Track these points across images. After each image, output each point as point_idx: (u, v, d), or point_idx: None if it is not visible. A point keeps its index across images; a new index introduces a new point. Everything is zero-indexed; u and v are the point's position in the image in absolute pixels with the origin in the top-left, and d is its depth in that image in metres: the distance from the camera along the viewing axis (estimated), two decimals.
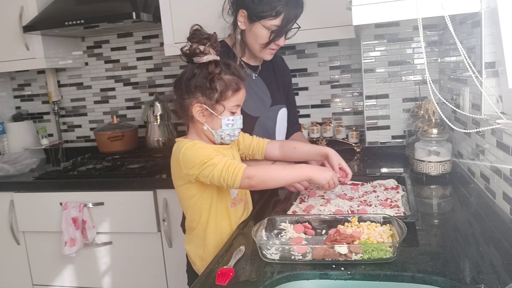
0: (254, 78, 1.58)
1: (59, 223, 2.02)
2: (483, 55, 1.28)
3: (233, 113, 1.25)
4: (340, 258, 0.97)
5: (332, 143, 2.18)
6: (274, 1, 1.39)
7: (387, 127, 2.08)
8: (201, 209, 1.27)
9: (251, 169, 1.16)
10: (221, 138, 1.27)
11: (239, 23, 1.47)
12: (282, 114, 1.65)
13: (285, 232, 1.13)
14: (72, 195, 2.03)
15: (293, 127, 1.75)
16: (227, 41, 1.56)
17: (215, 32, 1.25)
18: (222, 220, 1.29)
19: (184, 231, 1.43)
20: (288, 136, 1.74)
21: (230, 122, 1.24)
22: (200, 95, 1.21)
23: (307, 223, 1.15)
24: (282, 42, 1.47)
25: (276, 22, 1.41)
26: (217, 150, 1.26)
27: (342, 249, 0.97)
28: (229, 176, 1.15)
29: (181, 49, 1.24)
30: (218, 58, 1.22)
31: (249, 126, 1.51)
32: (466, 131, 1.42)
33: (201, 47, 1.20)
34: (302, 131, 1.85)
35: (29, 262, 2.18)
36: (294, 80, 2.29)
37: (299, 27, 1.48)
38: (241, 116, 1.28)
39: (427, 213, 1.31)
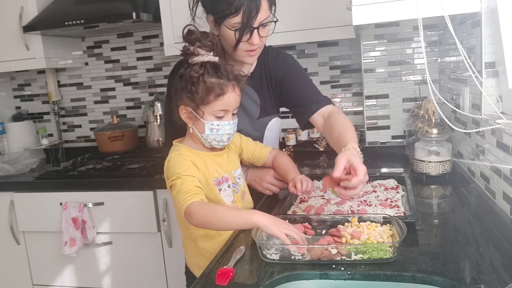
0: None
1: (59, 223, 2.02)
2: (483, 55, 1.28)
3: (219, 118, 1.20)
4: (338, 258, 0.97)
5: None
6: None
7: (387, 127, 2.08)
8: None
9: (195, 206, 1.07)
10: (209, 143, 1.24)
11: (213, 30, 1.34)
12: (272, 125, 1.54)
13: None
14: (72, 195, 2.03)
15: (316, 103, 1.41)
16: None
17: (212, 32, 1.21)
18: (219, 232, 1.25)
19: None
20: (310, 114, 1.42)
21: (214, 127, 1.20)
22: (185, 97, 1.19)
23: (307, 223, 1.15)
24: (256, 40, 1.29)
25: (237, 19, 1.25)
26: (211, 159, 1.24)
27: (332, 250, 0.98)
28: (178, 204, 1.11)
29: (182, 48, 1.22)
30: (209, 59, 1.17)
31: None
32: (466, 131, 1.42)
33: (191, 48, 1.17)
34: (333, 104, 1.45)
35: (29, 262, 2.18)
36: None
37: (277, 21, 1.34)
38: (233, 121, 1.23)
39: (427, 213, 1.30)
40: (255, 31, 1.28)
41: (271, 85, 1.48)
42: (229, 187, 1.28)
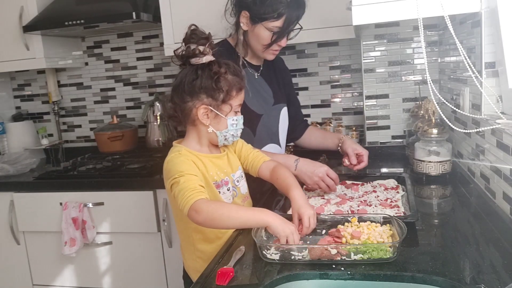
0: (256, 77, 1.58)
1: (59, 223, 2.02)
2: (483, 55, 1.28)
3: (236, 113, 1.24)
4: (338, 258, 0.97)
5: None
6: (276, 3, 1.38)
7: (387, 127, 2.08)
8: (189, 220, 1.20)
9: (203, 203, 1.06)
10: (225, 139, 1.25)
11: (241, 24, 1.47)
12: (284, 113, 1.66)
13: None
14: (72, 195, 2.03)
15: (301, 124, 1.82)
16: (230, 40, 1.56)
17: (209, 32, 1.23)
18: (217, 232, 1.24)
19: None
20: (300, 134, 1.81)
21: (234, 122, 1.23)
22: (205, 97, 1.19)
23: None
24: (284, 43, 1.48)
25: (278, 23, 1.41)
26: (211, 161, 1.24)
27: (332, 250, 0.98)
28: (182, 201, 1.08)
29: (175, 51, 1.21)
30: (213, 58, 1.21)
31: (253, 123, 1.51)
32: (466, 131, 1.42)
33: (201, 48, 1.18)
34: (310, 125, 1.90)
35: (29, 262, 2.18)
36: (294, 80, 2.29)
37: (301, 28, 1.48)
38: (242, 116, 1.27)
39: (427, 213, 1.30)
40: (286, 35, 1.46)
41: (281, 79, 1.68)
42: (228, 190, 1.28)
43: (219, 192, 1.25)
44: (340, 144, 1.65)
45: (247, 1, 1.41)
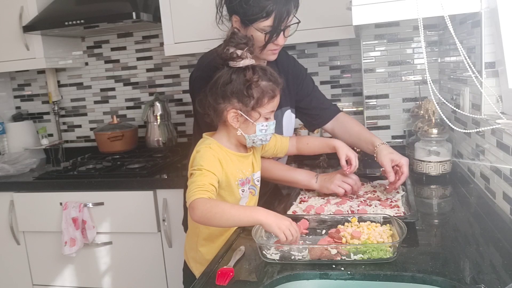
0: None
1: (59, 223, 2.02)
2: (483, 55, 1.28)
3: (267, 119, 1.23)
4: (338, 258, 0.97)
5: None
6: (262, 1, 1.32)
7: (387, 127, 2.08)
8: None
9: (200, 201, 1.07)
10: (253, 142, 1.25)
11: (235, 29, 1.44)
12: (288, 116, 1.61)
13: None
14: (72, 195, 2.03)
15: (328, 109, 1.64)
16: None
17: (252, 35, 1.24)
18: (221, 229, 1.26)
19: (185, 229, 1.43)
20: (328, 118, 1.64)
21: (264, 128, 1.22)
22: (236, 101, 1.19)
23: (305, 220, 1.14)
24: (281, 41, 1.41)
25: (268, 22, 1.34)
26: (238, 160, 1.25)
27: (332, 250, 0.98)
28: (187, 194, 1.10)
29: (217, 50, 1.21)
30: (252, 62, 1.20)
31: None
32: (466, 131, 1.42)
33: (239, 52, 1.17)
34: (342, 111, 1.67)
35: (29, 262, 2.19)
36: None
37: (299, 22, 1.41)
38: (274, 121, 1.26)
39: (427, 213, 1.31)
40: (281, 32, 1.37)
41: (286, 79, 1.58)
42: (249, 189, 1.29)
43: (243, 190, 1.26)
44: (375, 154, 1.46)
45: (233, 5, 1.36)
